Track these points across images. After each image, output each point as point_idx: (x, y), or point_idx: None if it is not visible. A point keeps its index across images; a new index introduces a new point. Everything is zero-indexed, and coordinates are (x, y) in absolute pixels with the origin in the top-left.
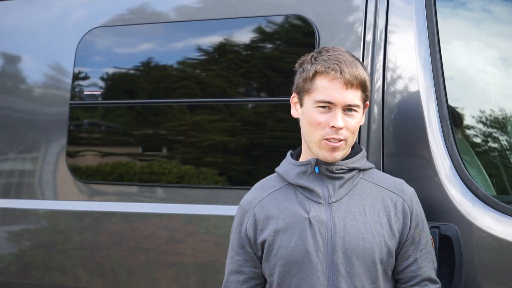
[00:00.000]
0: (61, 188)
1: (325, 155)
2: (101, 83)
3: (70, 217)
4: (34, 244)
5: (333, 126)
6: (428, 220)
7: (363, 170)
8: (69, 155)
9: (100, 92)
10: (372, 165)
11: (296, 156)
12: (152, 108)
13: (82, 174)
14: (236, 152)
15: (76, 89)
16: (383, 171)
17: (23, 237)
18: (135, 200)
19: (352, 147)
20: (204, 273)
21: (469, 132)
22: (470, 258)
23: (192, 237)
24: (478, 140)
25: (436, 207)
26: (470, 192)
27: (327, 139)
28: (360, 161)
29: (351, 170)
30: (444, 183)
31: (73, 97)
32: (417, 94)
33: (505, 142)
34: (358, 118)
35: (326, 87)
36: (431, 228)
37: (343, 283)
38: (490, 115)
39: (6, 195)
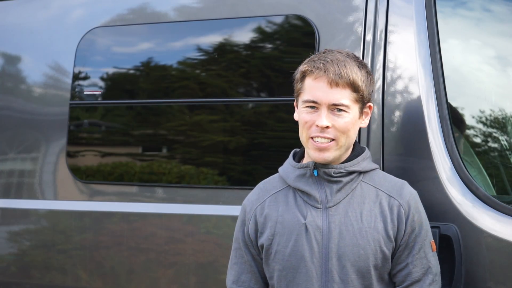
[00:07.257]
0: (61, 188)
1: (315, 156)
2: (101, 83)
3: (70, 217)
4: (34, 244)
5: (318, 125)
6: (428, 220)
7: (364, 172)
8: (69, 155)
9: (100, 92)
10: (375, 166)
11: (299, 157)
12: (152, 108)
13: (82, 174)
14: (236, 152)
15: (76, 89)
16: (383, 171)
17: (23, 237)
18: (135, 200)
19: (354, 149)
20: (204, 273)
21: (469, 132)
22: (470, 258)
23: (192, 237)
24: (478, 140)
25: (436, 207)
26: (470, 192)
27: (312, 138)
28: (360, 163)
29: (350, 173)
30: (444, 183)
31: (73, 97)
32: (417, 94)
33: (505, 142)
34: (348, 119)
35: (311, 87)
36: (431, 228)
37: None
38: (490, 115)
39: (6, 195)
